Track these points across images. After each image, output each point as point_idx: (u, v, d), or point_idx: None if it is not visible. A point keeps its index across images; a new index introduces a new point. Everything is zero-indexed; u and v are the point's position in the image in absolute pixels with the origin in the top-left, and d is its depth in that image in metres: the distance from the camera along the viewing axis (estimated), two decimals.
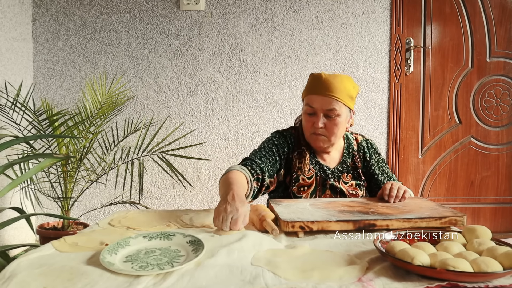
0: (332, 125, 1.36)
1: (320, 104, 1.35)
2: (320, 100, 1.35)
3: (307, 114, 1.40)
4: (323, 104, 1.35)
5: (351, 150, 1.50)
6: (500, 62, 2.83)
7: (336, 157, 1.48)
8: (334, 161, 1.48)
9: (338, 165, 1.47)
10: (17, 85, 2.43)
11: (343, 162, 1.48)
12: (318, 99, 1.35)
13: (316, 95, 1.36)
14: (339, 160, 1.48)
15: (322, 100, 1.35)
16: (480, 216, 2.90)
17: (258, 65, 2.75)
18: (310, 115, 1.39)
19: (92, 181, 2.38)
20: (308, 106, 1.38)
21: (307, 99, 1.40)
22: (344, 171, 1.47)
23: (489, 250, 0.80)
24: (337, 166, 1.47)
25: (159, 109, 2.75)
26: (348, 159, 1.49)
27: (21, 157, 2.18)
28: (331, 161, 1.47)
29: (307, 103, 1.39)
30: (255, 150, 1.44)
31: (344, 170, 1.47)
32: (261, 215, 1.09)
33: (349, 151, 1.50)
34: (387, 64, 2.79)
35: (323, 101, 1.35)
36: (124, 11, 2.69)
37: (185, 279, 0.74)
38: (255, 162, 1.36)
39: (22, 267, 0.79)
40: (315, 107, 1.36)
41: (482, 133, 2.87)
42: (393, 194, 1.25)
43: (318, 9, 2.74)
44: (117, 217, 1.20)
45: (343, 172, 1.47)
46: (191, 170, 2.77)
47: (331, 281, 0.73)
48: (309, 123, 1.39)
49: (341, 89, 1.35)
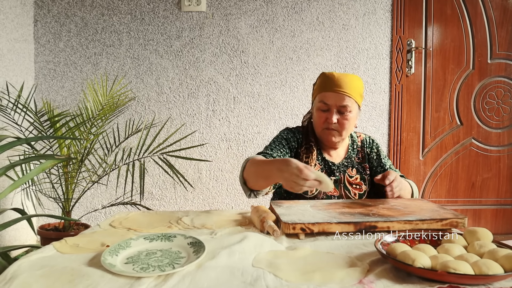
0: (344, 120, 1.43)
1: (334, 101, 1.41)
2: (334, 96, 1.41)
3: (320, 110, 1.45)
4: (337, 101, 1.41)
5: (355, 147, 1.57)
6: (501, 64, 2.83)
7: (341, 153, 1.55)
8: (340, 157, 1.54)
9: (343, 160, 1.53)
10: (19, 86, 2.44)
11: (348, 157, 1.54)
12: (333, 96, 1.41)
13: (330, 92, 1.41)
14: (344, 155, 1.54)
15: (336, 97, 1.41)
16: (481, 217, 2.90)
17: (259, 66, 2.75)
18: (323, 111, 1.44)
19: (93, 182, 2.38)
20: (322, 103, 1.43)
21: (320, 96, 1.44)
22: (349, 166, 1.53)
23: (490, 253, 0.80)
24: (342, 161, 1.53)
25: (160, 110, 2.75)
26: (353, 154, 1.55)
27: (23, 158, 2.18)
28: (336, 157, 1.53)
29: (321, 100, 1.44)
30: (266, 146, 1.49)
31: (349, 165, 1.53)
32: (262, 216, 1.09)
33: (353, 147, 1.57)
34: (388, 65, 2.79)
35: (337, 98, 1.41)
36: (125, 12, 2.70)
37: (186, 281, 0.74)
38: (268, 153, 1.41)
39: (24, 268, 0.79)
40: (330, 103, 1.42)
41: (483, 135, 2.87)
42: (393, 185, 1.30)
43: (319, 11, 2.74)
44: (118, 218, 1.21)
45: (348, 166, 1.53)
46: (192, 171, 2.77)
47: (332, 283, 0.73)
48: (322, 119, 1.45)
49: (353, 87, 1.42)
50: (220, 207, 2.79)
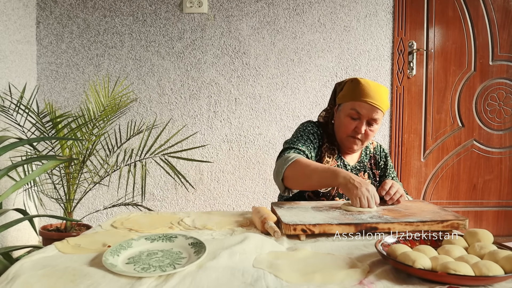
0: (371, 132, 1.45)
1: (367, 112, 1.42)
2: (369, 108, 1.41)
3: (350, 117, 1.45)
4: (370, 112, 1.42)
5: (368, 152, 1.60)
6: (503, 66, 2.83)
7: (355, 157, 1.58)
8: (353, 160, 1.57)
9: (356, 163, 1.57)
10: (21, 87, 2.45)
11: (361, 162, 1.57)
12: (367, 107, 1.41)
13: (366, 103, 1.41)
14: (357, 159, 1.58)
15: (369, 109, 1.41)
16: (483, 219, 2.89)
17: (261, 67, 2.76)
18: (353, 119, 1.44)
19: (95, 183, 2.39)
20: (355, 111, 1.43)
21: (354, 104, 1.43)
22: (361, 170, 1.57)
23: (491, 254, 0.80)
24: (355, 165, 1.56)
25: (162, 112, 2.75)
26: (365, 159, 1.59)
27: (25, 159, 2.19)
28: (350, 160, 1.56)
29: (353, 107, 1.43)
30: (292, 140, 1.49)
31: (361, 169, 1.57)
32: (263, 217, 1.09)
33: (366, 152, 1.60)
34: (390, 67, 2.80)
35: (371, 110, 1.41)
36: (127, 14, 2.71)
37: (187, 281, 0.74)
38: (301, 149, 1.43)
39: (25, 268, 0.79)
40: (363, 113, 1.42)
41: (485, 137, 2.86)
42: (391, 192, 1.30)
43: (320, 12, 2.75)
44: (119, 219, 1.21)
45: (360, 170, 1.57)
46: (193, 172, 2.77)
47: (332, 284, 0.73)
48: (350, 126, 1.45)
49: (384, 100, 1.43)
50: (221, 208, 2.80)
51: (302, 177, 1.31)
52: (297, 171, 1.32)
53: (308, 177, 1.29)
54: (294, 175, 1.33)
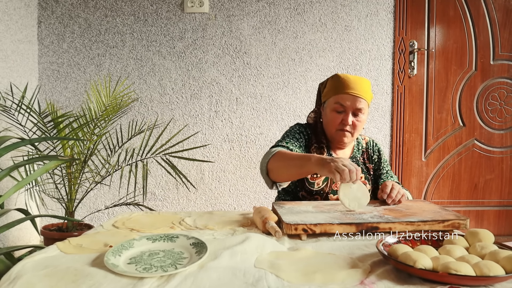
0: (358, 122, 1.47)
1: (351, 103, 1.45)
2: (352, 99, 1.44)
3: (335, 111, 1.48)
4: (353, 103, 1.45)
5: (360, 147, 1.62)
6: (504, 65, 2.83)
7: (347, 152, 1.59)
8: (345, 156, 1.58)
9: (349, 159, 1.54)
10: (23, 87, 2.45)
11: (353, 157, 1.59)
12: (350, 98, 1.44)
13: (348, 94, 1.44)
14: (349, 155, 1.59)
15: (352, 99, 1.44)
16: (484, 219, 2.89)
17: (262, 67, 2.76)
18: (339, 113, 1.47)
19: (96, 183, 2.39)
20: (339, 104, 1.46)
21: (337, 98, 1.47)
22: None
23: (492, 254, 0.80)
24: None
25: (163, 111, 2.76)
26: (358, 154, 1.60)
27: (27, 159, 2.20)
28: (343, 155, 1.57)
29: (337, 101, 1.46)
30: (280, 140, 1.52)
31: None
32: (264, 217, 1.09)
33: (358, 148, 1.61)
34: (391, 66, 2.79)
35: (354, 100, 1.44)
36: (128, 13, 2.71)
37: (189, 281, 0.74)
38: (286, 146, 1.46)
39: (27, 268, 0.79)
40: (346, 105, 1.45)
41: (486, 136, 2.86)
42: (392, 195, 1.30)
43: (321, 12, 2.75)
44: (121, 218, 1.21)
45: None
46: (194, 172, 2.78)
47: (333, 284, 0.74)
48: (337, 120, 1.48)
49: (366, 90, 1.46)
50: (223, 208, 2.80)
51: (282, 168, 1.35)
52: (278, 162, 1.36)
53: (287, 167, 1.33)
54: (276, 166, 1.37)
